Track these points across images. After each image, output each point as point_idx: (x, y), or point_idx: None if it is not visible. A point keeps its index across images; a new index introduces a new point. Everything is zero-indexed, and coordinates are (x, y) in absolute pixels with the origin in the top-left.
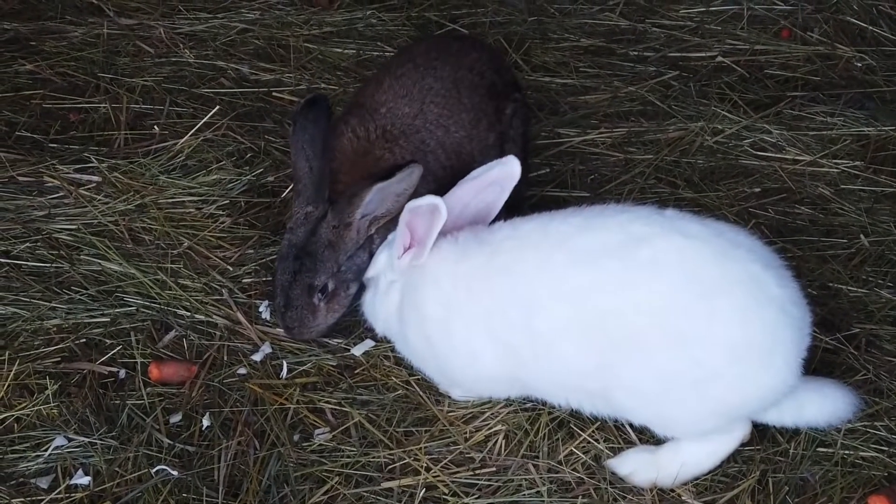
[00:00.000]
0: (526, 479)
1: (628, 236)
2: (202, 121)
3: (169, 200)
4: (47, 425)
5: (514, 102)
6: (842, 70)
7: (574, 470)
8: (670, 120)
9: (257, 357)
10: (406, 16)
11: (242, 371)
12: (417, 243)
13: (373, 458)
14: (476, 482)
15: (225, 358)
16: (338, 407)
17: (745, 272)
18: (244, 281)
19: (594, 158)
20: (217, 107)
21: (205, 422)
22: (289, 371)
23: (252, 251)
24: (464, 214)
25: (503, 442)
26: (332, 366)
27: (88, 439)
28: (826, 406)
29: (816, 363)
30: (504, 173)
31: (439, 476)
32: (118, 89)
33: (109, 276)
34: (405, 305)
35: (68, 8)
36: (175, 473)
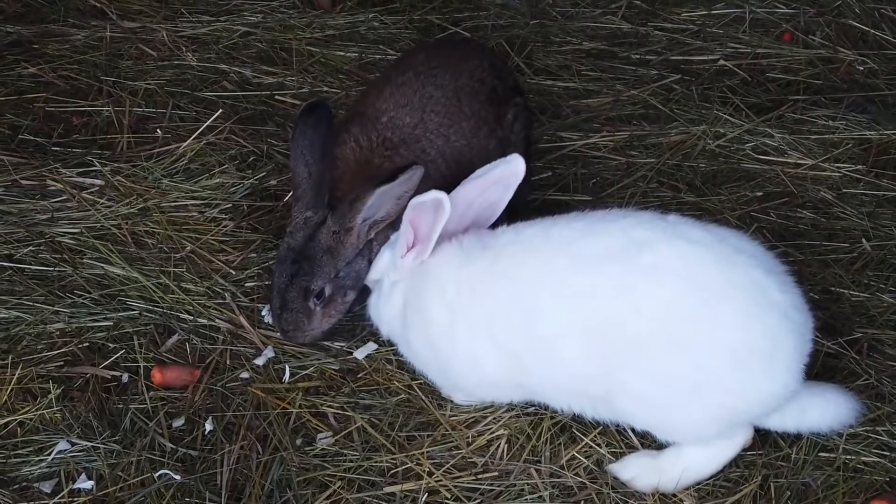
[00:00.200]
0: (528, 484)
1: (631, 241)
2: (205, 124)
3: (172, 204)
4: (50, 429)
5: (516, 107)
6: (844, 73)
7: (576, 475)
8: (672, 123)
9: (260, 361)
10: (408, 19)
11: (245, 375)
12: (421, 241)
13: (375, 463)
14: (478, 487)
15: (228, 362)
16: (340, 411)
17: (748, 278)
18: (247, 285)
19: (596, 162)
20: (220, 110)
21: (207, 426)
22: (291, 375)
23: (255, 255)
24: (468, 213)
25: (505, 446)
26: (335, 370)
27: (91, 443)
28: (828, 411)
29: (818, 368)
30: (508, 172)
31: (441, 481)
32: (121, 92)
33: (112, 280)
34: (408, 308)
35: (71, 11)
36: (178, 478)
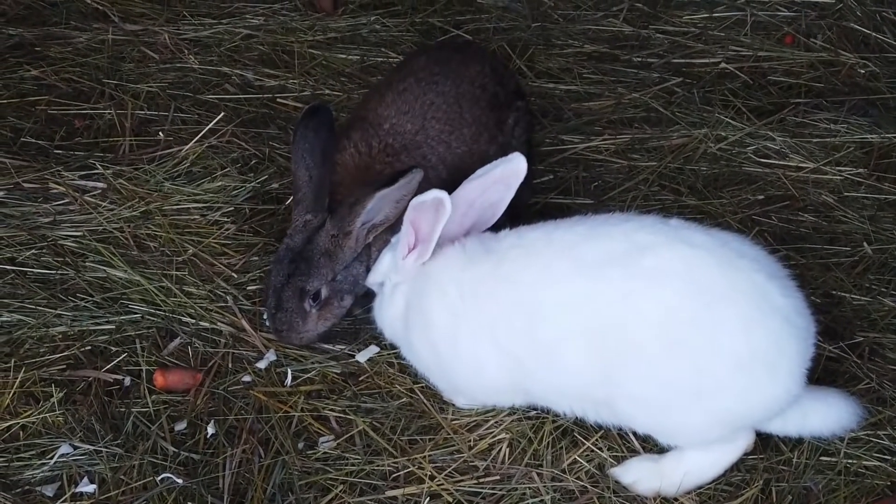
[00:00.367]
0: (530, 488)
1: (633, 245)
2: (207, 127)
3: (174, 207)
4: (53, 433)
5: (517, 111)
6: (845, 77)
7: (578, 478)
8: (674, 127)
9: (262, 364)
10: (410, 22)
11: (247, 378)
12: (422, 242)
13: (377, 467)
14: (480, 491)
15: (230, 365)
16: (342, 415)
17: (750, 282)
18: (249, 288)
19: (598, 165)
20: (222, 113)
21: (210, 430)
22: (293, 378)
23: (257, 258)
24: (469, 213)
25: (507, 450)
26: (337, 373)
27: (94, 447)
28: (830, 416)
29: (819, 372)
30: (509, 170)
31: (443, 485)
32: (123, 95)
33: (114, 283)
34: (410, 311)
35: (73, 14)
36: (180, 481)
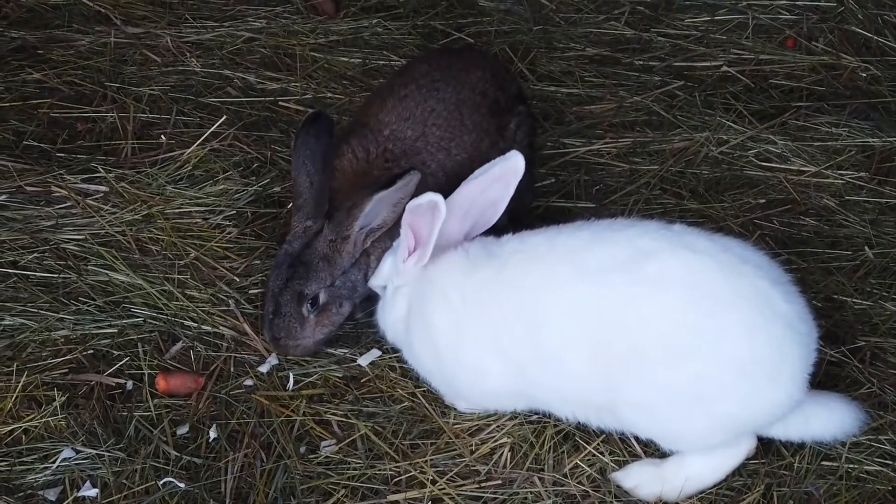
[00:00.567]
0: (531, 492)
1: (636, 251)
2: (209, 130)
3: (176, 211)
4: (55, 437)
5: (519, 115)
6: (847, 80)
7: (579, 483)
8: (675, 130)
9: (264, 368)
10: (412, 24)
11: (249, 382)
12: (421, 244)
13: (379, 471)
14: (481, 495)
15: (232, 369)
16: (344, 419)
17: (753, 288)
18: (251, 292)
19: (599, 169)
20: (224, 116)
21: (212, 434)
22: (295, 382)
23: (259, 262)
24: (470, 213)
25: (508, 454)
26: (339, 377)
27: (96, 451)
28: (832, 421)
29: (821, 376)
30: (507, 168)
31: (445, 489)
32: (125, 98)
33: (117, 287)
34: (413, 315)
35: (75, 16)
36: (182, 486)
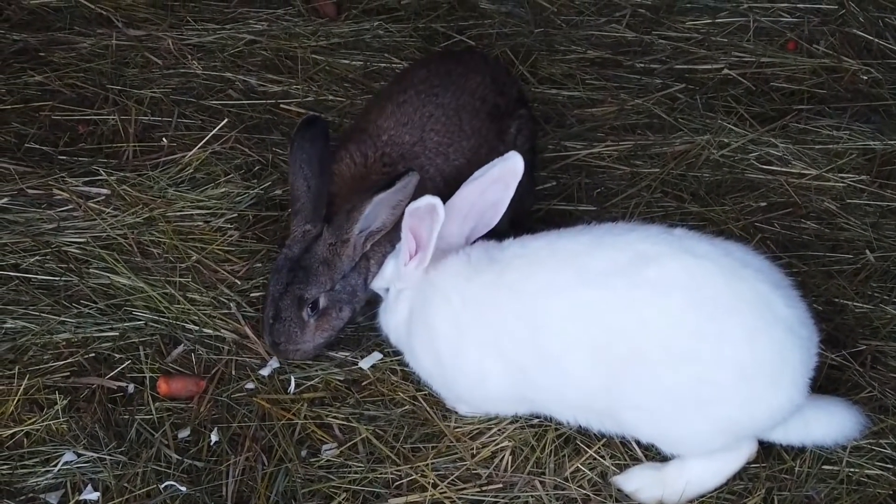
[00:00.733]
0: (532, 496)
1: (637, 255)
2: (210, 133)
3: (177, 214)
4: (57, 440)
5: (519, 119)
6: (848, 83)
7: (580, 486)
8: (676, 133)
9: (265, 372)
10: (413, 27)
11: (250, 386)
12: (421, 248)
13: (380, 475)
14: (482, 499)
15: (233, 372)
16: (345, 422)
17: (754, 292)
18: (252, 295)
19: (600, 172)
20: (225, 119)
21: (213, 437)
22: (296, 386)
23: (260, 265)
24: (470, 215)
25: (510, 458)
26: (340, 380)
27: (97, 455)
28: (832, 424)
29: (822, 380)
30: (506, 169)
31: (446, 492)
32: (126, 101)
33: (118, 290)
34: (414, 319)
35: (77, 19)
36: (183, 489)
